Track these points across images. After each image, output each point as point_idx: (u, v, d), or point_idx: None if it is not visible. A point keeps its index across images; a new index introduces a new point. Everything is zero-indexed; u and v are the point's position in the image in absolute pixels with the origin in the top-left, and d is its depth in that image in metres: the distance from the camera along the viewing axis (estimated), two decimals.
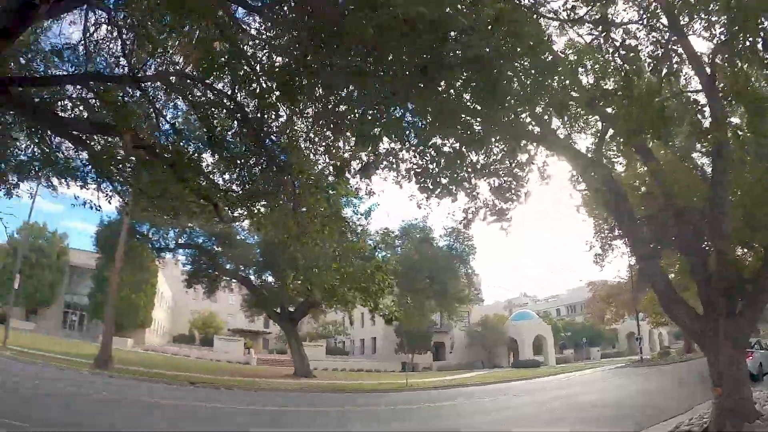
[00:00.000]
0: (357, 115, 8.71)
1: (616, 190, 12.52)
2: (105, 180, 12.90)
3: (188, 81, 10.91)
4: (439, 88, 8.21)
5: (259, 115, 10.53)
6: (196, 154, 12.18)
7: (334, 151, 10.78)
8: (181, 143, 12.21)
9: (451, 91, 8.56)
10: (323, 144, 10.87)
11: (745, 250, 17.69)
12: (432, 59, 7.16)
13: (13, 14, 6.96)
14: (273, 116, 10.82)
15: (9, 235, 52.80)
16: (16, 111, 11.08)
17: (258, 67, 7.83)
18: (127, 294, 56.27)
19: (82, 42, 10.94)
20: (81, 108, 12.00)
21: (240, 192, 12.61)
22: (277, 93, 7.47)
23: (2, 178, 13.13)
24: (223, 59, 7.52)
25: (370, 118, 8.38)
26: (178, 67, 10.89)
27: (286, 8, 8.32)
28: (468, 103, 9.08)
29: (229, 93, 10.77)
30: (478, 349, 70.89)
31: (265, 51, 9.06)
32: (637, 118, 9.31)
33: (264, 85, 7.96)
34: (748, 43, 9.08)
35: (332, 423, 16.87)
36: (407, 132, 9.71)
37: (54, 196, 19.13)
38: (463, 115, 9.22)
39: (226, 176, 12.93)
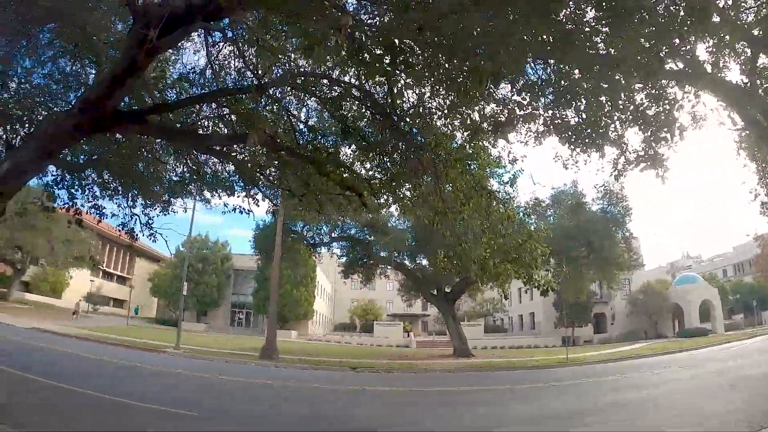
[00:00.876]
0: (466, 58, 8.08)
1: None
2: (252, 186, 13.44)
3: (313, 79, 11.06)
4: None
5: (389, 99, 10.48)
6: (333, 148, 12.38)
7: (465, 115, 10.45)
8: (318, 139, 12.43)
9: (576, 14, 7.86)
10: (454, 112, 10.57)
11: None
12: None
13: (134, 51, 7.38)
14: (403, 98, 10.73)
15: (175, 249, 58.19)
16: (157, 137, 11.88)
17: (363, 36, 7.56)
18: (288, 289, 60.22)
19: (209, 65, 11.46)
20: (219, 124, 12.57)
21: (383, 178, 12.67)
22: (387, 59, 7.16)
23: (158, 198, 14.06)
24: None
25: (479, 53, 7.73)
26: (303, 69, 11.07)
27: None
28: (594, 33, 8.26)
29: (356, 83, 10.83)
30: (640, 319, 65.86)
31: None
32: None
33: (372, 52, 7.71)
34: None
35: (489, 401, 16.56)
36: (533, 68, 9.10)
37: (208, 208, 20.50)
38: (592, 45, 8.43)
39: (367, 165, 13.08)
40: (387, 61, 7.05)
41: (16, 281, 59.56)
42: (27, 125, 10.76)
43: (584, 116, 9.91)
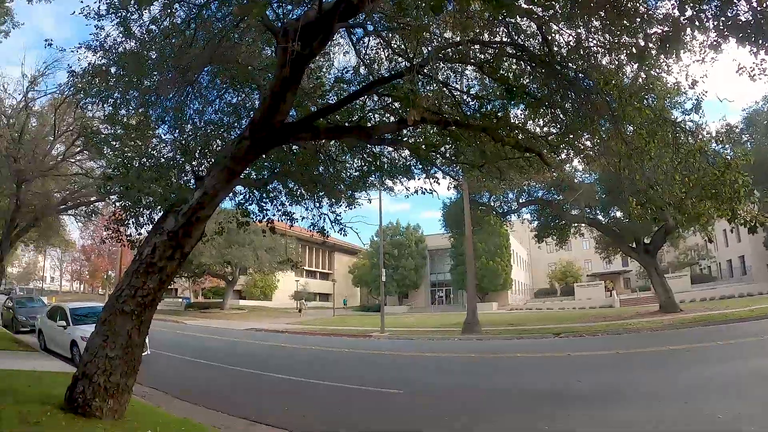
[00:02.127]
0: None
1: None
2: (430, 167, 13.57)
3: (462, 47, 10.86)
4: None
5: (545, 48, 10.02)
6: (502, 112, 12.10)
7: (629, 45, 9.63)
8: (484, 107, 12.22)
9: None
10: (618, 44, 9.81)
11: None
12: None
13: (285, 67, 7.81)
14: (558, 43, 10.24)
15: (369, 240, 61.38)
16: (329, 138, 12.45)
17: None
18: (484, 262, 60.96)
19: (360, 61, 11.77)
20: (384, 114, 12.79)
21: (558, 132, 12.17)
22: None
23: (342, 195, 14.67)
24: None
25: None
26: (451, 40, 10.90)
27: None
28: None
29: (508, 41, 10.48)
30: None
31: None
32: None
33: None
34: None
35: (696, 361, 15.46)
36: None
37: (393, 196, 21.32)
38: None
39: (540, 122, 12.66)
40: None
41: (230, 291, 67.38)
42: (209, 156, 11.75)
43: (757, 7, 8.59)
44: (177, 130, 11.97)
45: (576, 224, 42.36)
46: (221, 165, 8.88)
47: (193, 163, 11.59)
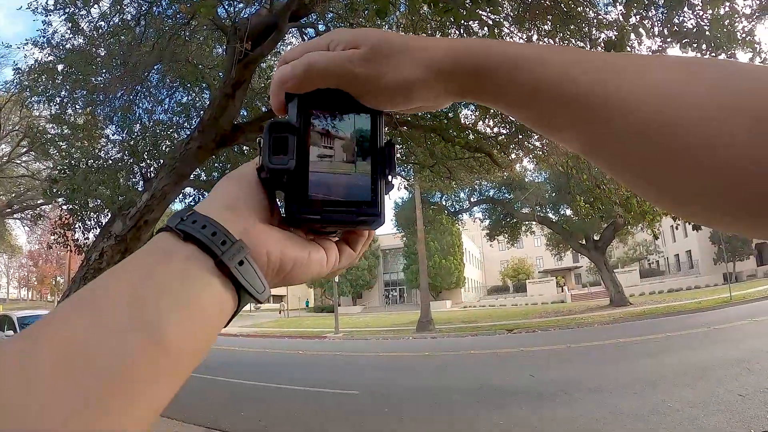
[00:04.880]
0: None
1: None
2: None
3: None
4: None
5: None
6: (452, 112, 12.19)
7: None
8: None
9: None
10: (565, 44, 9.97)
11: None
12: None
13: (235, 67, 7.83)
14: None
15: None
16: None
17: None
18: (437, 260, 61.21)
19: None
20: None
21: (508, 132, 12.37)
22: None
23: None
24: None
25: None
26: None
27: None
28: None
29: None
30: None
31: None
32: None
33: None
34: None
35: (646, 353, 15.62)
36: None
37: None
38: None
39: (490, 122, 12.78)
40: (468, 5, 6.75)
41: None
42: (157, 158, 11.53)
43: (701, 14, 8.82)
44: (125, 131, 11.69)
45: (527, 222, 43.04)
46: (170, 166, 8.69)
47: (142, 164, 11.33)
